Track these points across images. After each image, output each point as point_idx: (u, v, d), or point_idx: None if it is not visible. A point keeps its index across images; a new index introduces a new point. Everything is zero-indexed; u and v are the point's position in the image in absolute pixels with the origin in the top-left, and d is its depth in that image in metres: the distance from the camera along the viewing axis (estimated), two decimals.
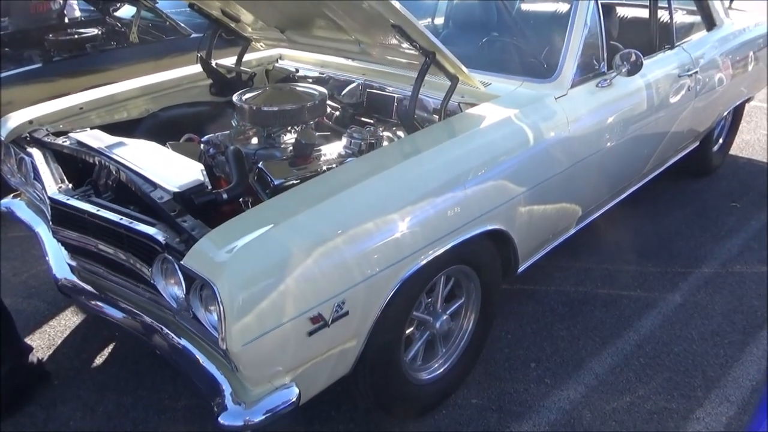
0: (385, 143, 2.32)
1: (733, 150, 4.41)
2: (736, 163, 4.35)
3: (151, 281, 1.74)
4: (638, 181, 3.20)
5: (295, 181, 2.10)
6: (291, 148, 2.40)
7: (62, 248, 2.08)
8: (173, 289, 1.68)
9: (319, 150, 2.30)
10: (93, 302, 1.97)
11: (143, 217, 1.78)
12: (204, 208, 1.82)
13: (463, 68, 2.14)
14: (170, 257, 1.63)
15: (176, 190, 1.80)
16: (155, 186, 1.85)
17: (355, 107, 2.70)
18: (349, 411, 2.19)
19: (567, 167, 2.34)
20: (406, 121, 2.15)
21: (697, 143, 3.74)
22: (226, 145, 2.46)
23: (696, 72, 3.14)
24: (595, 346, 2.55)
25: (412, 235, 1.75)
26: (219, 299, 1.40)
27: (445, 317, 2.09)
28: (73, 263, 2.07)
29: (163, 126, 2.80)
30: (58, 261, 2.10)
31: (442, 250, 1.84)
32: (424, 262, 1.79)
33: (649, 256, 3.19)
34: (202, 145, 2.46)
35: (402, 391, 2.02)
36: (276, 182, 2.10)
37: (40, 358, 2.49)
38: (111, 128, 2.65)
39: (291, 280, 1.48)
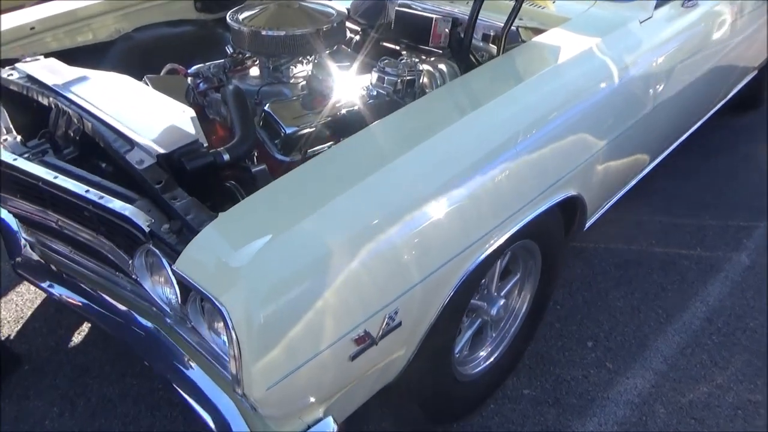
0: (425, 80, 1.83)
1: None
2: None
3: (133, 277, 1.30)
4: (700, 119, 2.75)
5: (310, 129, 1.65)
6: (303, 84, 1.90)
7: (16, 221, 1.61)
8: (164, 291, 1.25)
9: (339, 86, 1.81)
10: (58, 291, 1.53)
11: (118, 189, 1.31)
12: (199, 174, 1.36)
13: None
14: (157, 251, 1.18)
15: (161, 150, 1.33)
16: (132, 144, 1.37)
17: (379, 29, 2.16)
18: (380, 406, 1.84)
19: (650, 109, 1.88)
20: (459, 54, 1.66)
21: (756, 71, 3.25)
22: (220, 79, 1.95)
23: None
24: (659, 320, 2.19)
25: (481, 215, 1.32)
26: (231, 327, 0.98)
27: (501, 302, 1.70)
28: (31, 239, 1.61)
29: (139, 52, 2.25)
30: (12, 235, 1.64)
31: (514, 230, 1.41)
32: (494, 247, 1.37)
33: (706, 207, 2.79)
34: (189, 79, 1.95)
35: (448, 390, 1.65)
36: (287, 130, 1.65)
37: (7, 336, 2.09)
38: (72, 54, 2.11)
39: (331, 292, 1.05)
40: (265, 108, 1.72)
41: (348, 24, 2.06)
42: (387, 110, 1.79)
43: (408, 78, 1.75)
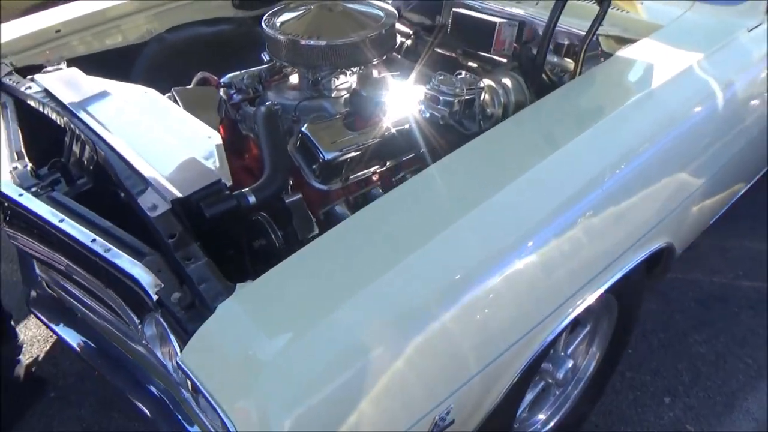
0: (486, 96, 1.57)
1: None
2: None
3: (142, 341, 1.13)
4: None
5: (353, 153, 1.43)
6: (346, 97, 1.67)
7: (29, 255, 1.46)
8: (172, 363, 1.07)
9: (388, 104, 1.57)
10: (73, 340, 1.37)
11: (128, 239, 1.13)
12: (219, 221, 1.16)
13: None
14: (164, 324, 1.00)
15: (176, 193, 1.14)
16: (146, 183, 1.18)
17: (432, 32, 1.91)
18: None
19: (756, 133, 1.57)
20: (532, 71, 1.40)
21: None
22: (255, 89, 1.75)
23: None
24: (748, 372, 1.90)
25: (554, 284, 1.08)
26: None
27: (569, 364, 1.45)
28: (45, 276, 1.46)
29: (172, 54, 2.08)
30: (29, 261, 1.49)
31: (593, 297, 1.16)
32: (568, 320, 1.12)
33: None
34: (221, 90, 1.75)
35: None
36: (327, 156, 1.44)
37: (35, 356, 2.00)
38: (100, 58, 1.96)
39: (369, 400, 0.84)
40: (303, 129, 1.50)
41: (397, 25, 1.81)
42: (442, 135, 1.56)
43: (467, 97, 1.50)
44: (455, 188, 1.11)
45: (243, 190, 1.22)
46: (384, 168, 1.58)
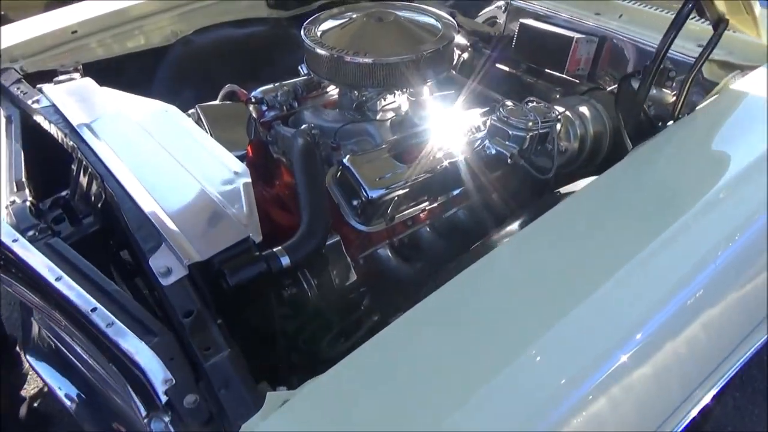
0: (560, 128, 1.33)
1: None
2: None
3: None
4: None
5: (401, 191, 1.23)
6: (395, 120, 1.45)
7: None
8: None
9: (441, 131, 1.35)
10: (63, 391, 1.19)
11: (136, 310, 0.93)
12: (245, 288, 0.95)
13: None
14: None
15: (195, 256, 0.94)
16: (158, 239, 0.98)
17: (495, 45, 1.67)
18: None
19: None
20: (631, 107, 1.15)
21: None
22: (291, 105, 1.54)
23: None
24: None
25: (670, 385, 0.85)
26: None
27: None
28: (41, 324, 1.27)
29: (198, 59, 1.88)
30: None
31: (716, 389, 0.93)
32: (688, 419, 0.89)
33: None
34: (251, 106, 1.54)
35: None
36: (371, 194, 1.23)
37: (41, 388, 1.83)
38: (120, 63, 1.77)
39: None
40: (344, 161, 1.29)
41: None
42: (509, 177, 1.34)
43: (541, 130, 1.26)
44: (552, 274, 0.87)
45: (275, 250, 1.01)
46: (434, 205, 1.36)
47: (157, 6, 1.83)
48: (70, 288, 0.97)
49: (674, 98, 1.20)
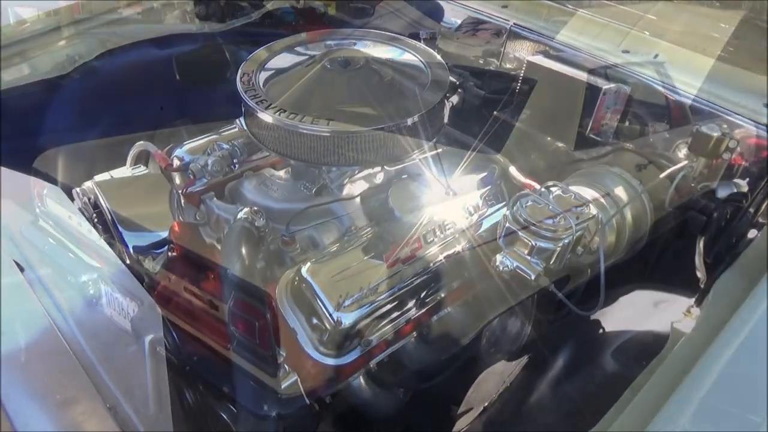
0: (592, 226, 0.99)
1: None
2: None
3: None
4: None
5: (382, 310, 0.96)
6: (371, 204, 1.08)
7: None
8: None
9: (432, 214, 1.00)
10: None
11: None
12: None
13: None
14: None
15: None
16: None
17: (484, 80, 1.30)
18: None
19: None
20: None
21: None
22: (225, 172, 1.14)
23: None
24: None
25: None
26: None
27: None
28: None
29: (103, 92, 1.44)
30: None
31: None
32: None
33: None
34: (176, 175, 1.14)
35: None
36: (342, 319, 0.93)
37: None
38: None
39: None
40: (302, 272, 0.92)
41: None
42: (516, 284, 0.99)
43: (578, 232, 0.91)
44: None
45: None
46: (421, 312, 1.01)
47: (46, 23, 1.37)
48: None
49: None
